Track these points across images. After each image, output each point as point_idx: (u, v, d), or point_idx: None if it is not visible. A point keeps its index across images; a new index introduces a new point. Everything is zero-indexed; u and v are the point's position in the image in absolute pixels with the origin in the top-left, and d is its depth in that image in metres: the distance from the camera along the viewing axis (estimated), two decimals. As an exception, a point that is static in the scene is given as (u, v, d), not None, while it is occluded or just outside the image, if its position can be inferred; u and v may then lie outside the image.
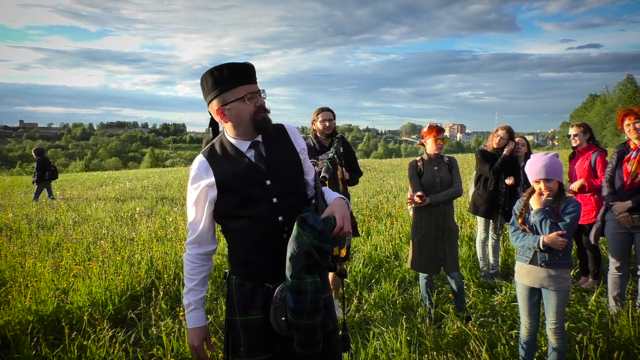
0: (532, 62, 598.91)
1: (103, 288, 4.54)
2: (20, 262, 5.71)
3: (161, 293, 4.41)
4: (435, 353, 3.28)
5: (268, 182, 1.93)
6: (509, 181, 4.94)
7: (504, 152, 4.90)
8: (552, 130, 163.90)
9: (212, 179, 1.93)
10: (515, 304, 4.18)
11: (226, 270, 2.09)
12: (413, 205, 4.10)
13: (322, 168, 3.01)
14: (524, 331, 3.04)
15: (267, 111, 1.94)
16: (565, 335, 2.94)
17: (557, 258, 2.84)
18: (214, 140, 2.06)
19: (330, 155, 2.71)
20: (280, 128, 2.07)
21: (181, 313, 3.98)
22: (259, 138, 1.99)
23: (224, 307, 4.13)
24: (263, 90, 1.96)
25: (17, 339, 3.54)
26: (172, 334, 3.60)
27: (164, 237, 7.01)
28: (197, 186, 1.96)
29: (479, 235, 5.23)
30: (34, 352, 3.50)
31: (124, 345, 3.59)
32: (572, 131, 4.81)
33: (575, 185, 4.61)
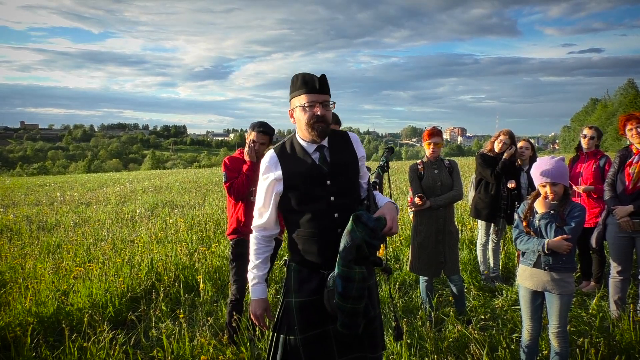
0: (533, 66, 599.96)
1: (103, 290, 4.54)
2: (20, 263, 5.71)
3: (161, 295, 4.40)
4: (435, 356, 3.28)
5: (328, 182, 2.17)
6: (510, 185, 4.94)
7: (504, 156, 4.89)
8: (553, 134, 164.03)
9: (280, 174, 2.18)
10: (516, 307, 4.17)
11: (285, 258, 2.32)
12: (413, 208, 4.10)
13: (372, 173, 3.16)
14: (525, 334, 3.03)
15: (325, 122, 2.12)
16: (568, 339, 2.93)
17: (561, 262, 2.84)
18: (286, 138, 2.29)
19: (381, 163, 3.03)
20: (345, 136, 2.31)
21: (181, 315, 3.97)
22: (325, 143, 2.22)
23: (224, 310, 4.12)
24: (332, 102, 2.17)
25: (17, 341, 3.53)
26: (173, 336, 3.60)
27: (165, 239, 7.01)
28: (267, 177, 2.21)
29: (480, 239, 5.22)
30: (34, 354, 3.50)
31: (124, 347, 3.58)
32: (587, 132, 4.76)
33: (583, 188, 4.59)
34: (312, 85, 2.10)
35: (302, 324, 2.16)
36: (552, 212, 2.87)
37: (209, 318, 3.94)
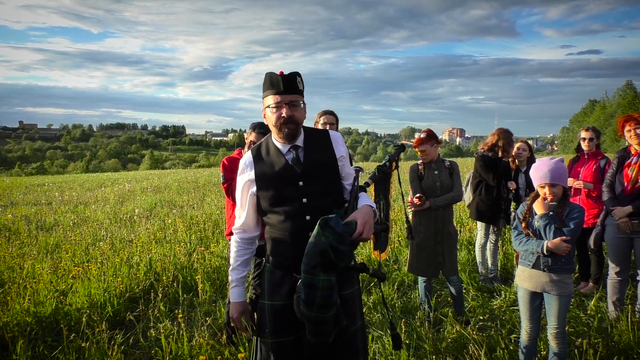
0: (532, 67, 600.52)
1: (102, 290, 4.53)
2: (19, 263, 5.70)
3: (160, 295, 4.40)
4: (434, 357, 3.28)
5: (301, 183, 2.11)
6: (512, 186, 4.95)
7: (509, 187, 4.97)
8: (551, 135, 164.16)
9: (253, 175, 2.16)
10: (515, 308, 4.18)
11: (263, 258, 2.31)
12: (412, 208, 4.11)
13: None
14: (524, 335, 3.03)
15: (293, 122, 2.07)
16: (567, 340, 2.93)
17: (560, 263, 2.84)
18: (263, 139, 2.26)
19: (384, 161, 2.74)
20: (325, 135, 2.24)
21: (180, 315, 3.97)
22: (300, 142, 2.16)
23: (223, 310, 4.12)
24: (300, 102, 2.09)
25: (16, 341, 3.52)
26: (171, 336, 3.59)
27: (163, 239, 7.00)
28: (242, 178, 2.21)
29: (479, 240, 5.22)
30: (32, 354, 3.49)
31: (123, 347, 3.58)
32: (585, 135, 4.74)
33: (581, 184, 4.59)
34: (278, 86, 2.04)
35: (273, 328, 2.12)
36: (551, 213, 2.87)
37: (207, 318, 3.94)
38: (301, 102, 2.11)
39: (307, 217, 2.08)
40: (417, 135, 4.21)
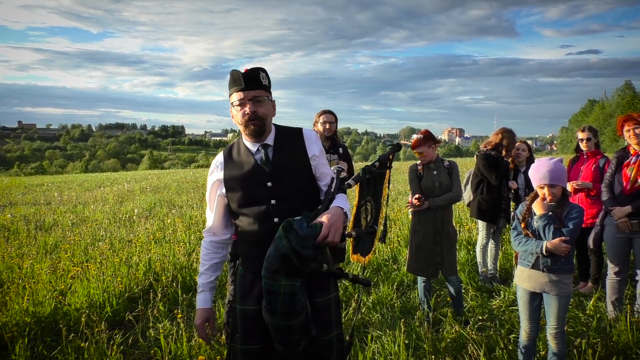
0: (532, 67, 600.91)
1: (101, 290, 4.53)
2: (17, 263, 5.68)
3: (159, 295, 4.39)
4: (433, 357, 3.28)
5: (269, 184, 2.03)
6: (513, 185, 4.96)
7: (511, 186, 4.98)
8: (550, 135, 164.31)
9: (222, 175, 2.10)
10: (514, 308, 4.18)
11: (237, 261, 2.25)
12: (412, 208, 4.11)
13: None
14: (523, 335, 3.03)
15: (258, 118, 2.00)
16: (566, 340, 2.93)
17: (559, 263, 2.84)
18: (235, 140, 2.20)
19: (373, 162, 2.44)
20: (297, 133, 2.15)
21: (179, 315, 3.97)
22: (270, 141, 2.08)
23: (222, 310, 4.11)
24: (264, 98, 2.02)
25: (15, 341, 3.52)
26: (170, 336, 3.59)
27: (162, 239, 7.00)
28: (212, 179, 2.15)
29: (480, 241, 5.19)
30: (31, 354, 3.49)
31: (122, 347, 3.57)
32: (582, 135, 4.74)
33: (581, 184, 4.59)
34: (240, 82, 1.98)
35: (243, 334, 2.06)
36: (550, 213, 2.87)
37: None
38: (266, 97, 2.03)
39: (276, 220, 1.99)
40: (414, 137, 4.14)
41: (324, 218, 1.84)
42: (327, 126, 4.27)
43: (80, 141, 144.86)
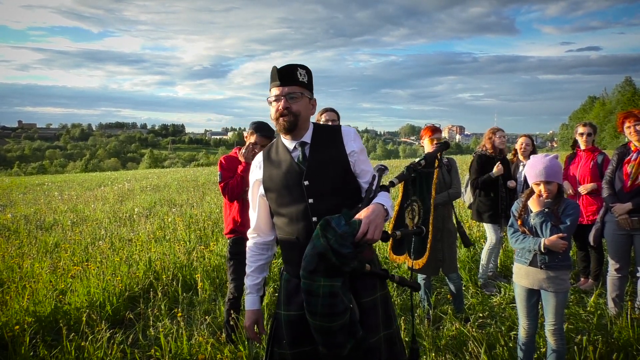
0: (532, 65, 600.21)
1: (101, 289, 4.53)
2: (18, 262, 5.69)
3: (159, 294, 4.39)
4: (433, 354, 3.28)
5: (306, 182, 1.97)
6: (511, 184, 4.95)
7: (493, 170, 4.86)
8: (551, 132, 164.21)
9: (261, 175, 2.08)
10: (514, 305, 4.18)
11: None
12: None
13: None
14: (522, 333, 3.03)
15: (292, 114, 1.96)
16: (564, 337, 2.93)
17: (557, 260, 2.84)
18: (275, 140, 2.16)
19: (418, 160, 2.37)
20: (335, 130, 2.11)
21: (179, 314, 3.97)
22: (307, 139, 2.04)
23: (222, 309, 4.12)
24: (299, 94, 1.98)
25: (15, 340, 3.52)
26: (170, 335, 3.59)
27: (163, 238, 7.00)
28: (252, 179, 2.13)
29: (489, 243, 5.08)
30: (31, 353, 3.49)
31: (122, 346, 3.57)
32: (583, 130, 4.71)
33: (586, 188, 4.58)
34: (275, 78, 1.96)
35: (291, 339, 1.99)
36: (546, 210, 2.87)
37: (206, 317, 3.94)
38: (301, 93, 1.99)
39: (314, 219, 1.93)
40: (425, 126, 4.22)
41: (362, 214, 1.78)
42: (330, 124, 4.26)
43: (81, 140, 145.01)
